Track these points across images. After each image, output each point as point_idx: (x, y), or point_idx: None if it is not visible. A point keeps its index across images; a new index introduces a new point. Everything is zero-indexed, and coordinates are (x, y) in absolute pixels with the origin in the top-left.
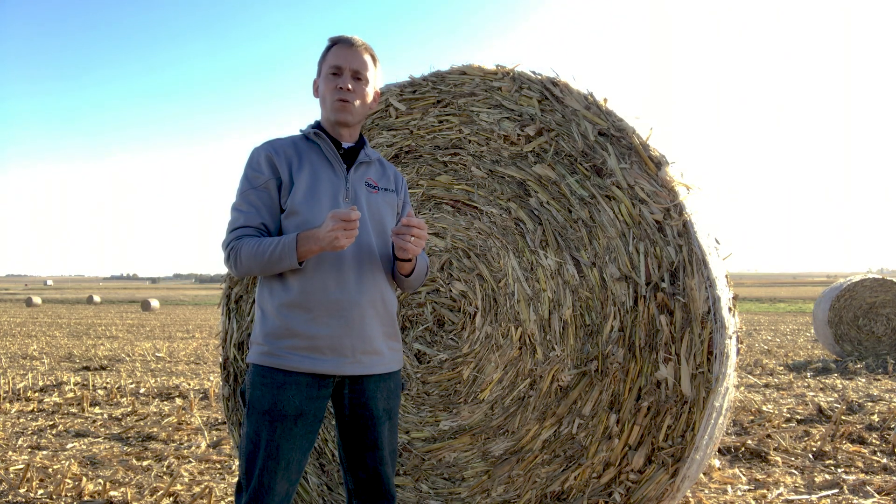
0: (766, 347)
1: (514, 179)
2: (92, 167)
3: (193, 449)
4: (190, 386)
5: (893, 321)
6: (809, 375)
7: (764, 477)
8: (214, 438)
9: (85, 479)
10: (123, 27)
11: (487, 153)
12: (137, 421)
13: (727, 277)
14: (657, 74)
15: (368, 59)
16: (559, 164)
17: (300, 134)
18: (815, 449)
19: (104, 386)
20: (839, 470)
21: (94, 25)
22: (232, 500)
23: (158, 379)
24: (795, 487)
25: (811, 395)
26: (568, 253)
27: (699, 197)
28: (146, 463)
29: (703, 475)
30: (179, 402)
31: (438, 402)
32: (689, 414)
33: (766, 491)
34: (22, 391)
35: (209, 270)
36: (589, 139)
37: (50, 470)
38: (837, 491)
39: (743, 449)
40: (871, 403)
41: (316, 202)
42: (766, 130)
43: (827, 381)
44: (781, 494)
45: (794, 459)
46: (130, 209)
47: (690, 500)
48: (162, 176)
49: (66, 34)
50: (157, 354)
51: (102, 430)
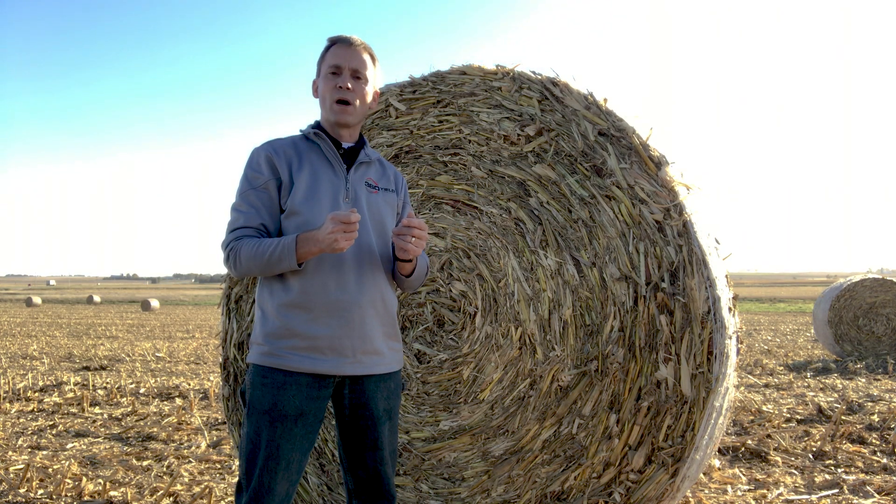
0: (766, 347)
1: (514, 179)
2: (92, 167)
3: (193, 449)
4: (190, 386)
5: (893, 321)
6: (809, 375)
7: (764, 477)
8: (214, 438)
9: (85, 479)
10: (123, 25)
11: (487, 153)
12: (137, 421)
13: (727, 277)
14: (657, 74)
15: (368, 58)
16: (559, 164)
17: (300, 134)
18: (815, 449)
19: (104, 386)
20: (839, 470)
21: (93, 23)
22: (232, 500)
23: (158, 379)
24: (795, 487)
25: (811, 395)
26: (568, 253)
27: (699, 197)
28: (146, 463)
29: (703, 475)
30: (179, 402)
31: (438, 402)
32: (689, 414)
33: (766, 491)
34: (22, 391)
35: (209, 270)
36: (589, 139)
37: (50, 470)
38: (837, 491)
39: (743, 449)
40: (871, 403)
41: (316, 202)
42: (766, 130)
43: (827, 381)
44: (781, 494)
45: (794, 459)
46: (130, 209)
47: (690, 500)
48: (162, 175)
49: (64, 32)
50: (157, 354)
51: (102, 430)
